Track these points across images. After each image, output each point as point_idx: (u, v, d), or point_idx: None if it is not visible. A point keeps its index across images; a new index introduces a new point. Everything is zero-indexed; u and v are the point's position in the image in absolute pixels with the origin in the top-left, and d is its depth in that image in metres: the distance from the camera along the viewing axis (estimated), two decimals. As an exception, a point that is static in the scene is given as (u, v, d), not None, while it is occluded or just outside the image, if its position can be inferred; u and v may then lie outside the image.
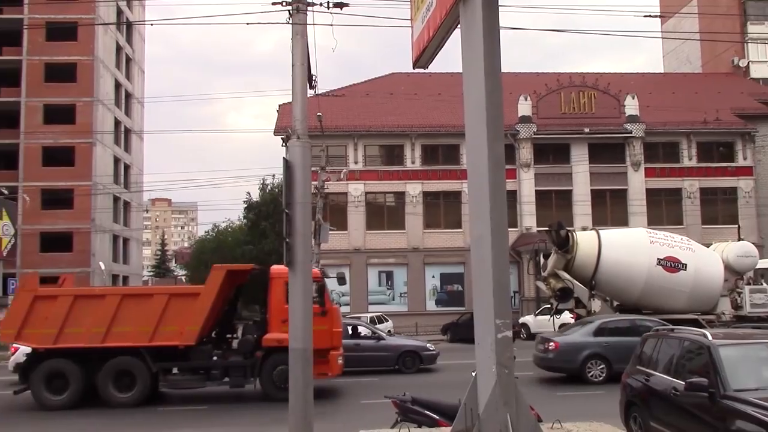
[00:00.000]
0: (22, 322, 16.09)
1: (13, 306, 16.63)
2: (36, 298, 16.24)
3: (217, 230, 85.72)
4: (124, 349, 16.29)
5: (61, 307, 16.18)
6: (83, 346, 16.18)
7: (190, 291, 17.31)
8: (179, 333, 16.15)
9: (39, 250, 51.54)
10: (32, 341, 16.30)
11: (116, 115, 59.07)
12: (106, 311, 16.15)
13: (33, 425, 14.54)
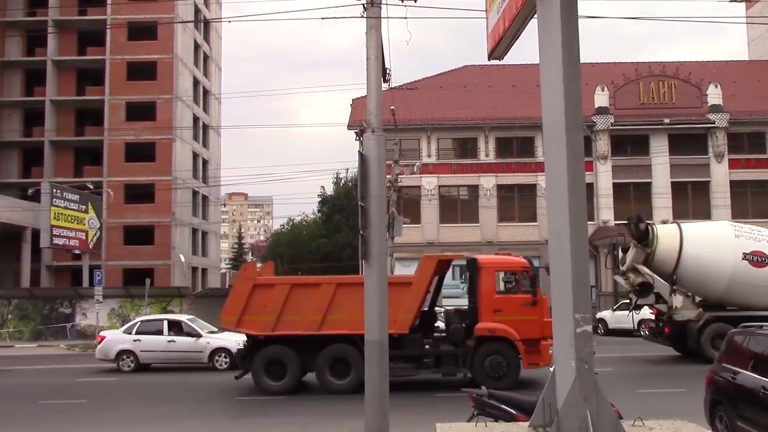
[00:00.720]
0: (242, 310, 16.53)
1: (233, 294, 16.95)
2: (255, 287, 16.62)
3: (292, 224, 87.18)
4: (339, 337, 16.54)
5: (279, 295, 16.54)
6: (300, 334, 16.54)
7: (402, 280, 17.33)
8: (393, 321, 15.79)
9: (123, 243, 53.31)
10: (252, 328, 16.69)
11: (195, 112, 60.52)
12: (322, 299, 16.44)
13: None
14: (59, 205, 41.29)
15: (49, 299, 37.06)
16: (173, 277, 52.66)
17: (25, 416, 14.74)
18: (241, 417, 14.19)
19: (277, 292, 16.61)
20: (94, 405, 15.97)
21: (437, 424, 8.05)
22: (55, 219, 40.66)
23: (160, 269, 52.42)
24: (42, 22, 56.29)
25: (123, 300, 36.38)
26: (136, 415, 14.55)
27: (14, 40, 56.88)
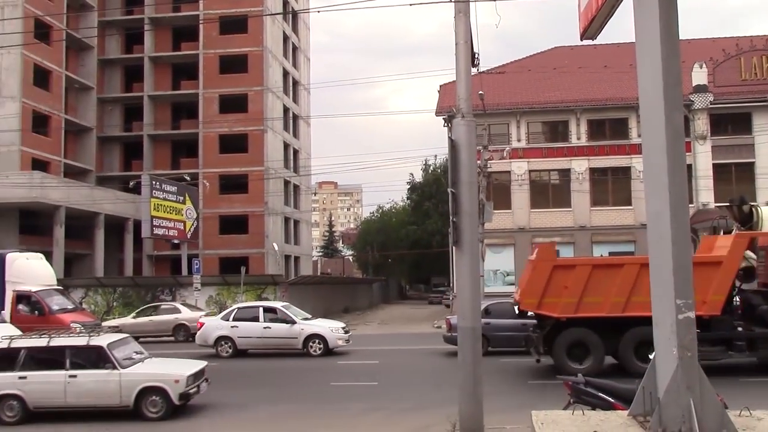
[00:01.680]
0: (542, 292, 16.49)
1: (532, 276, 16.79)
2: (555, 268, 16.56)
3: (382, 211, 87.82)
4: (644, 319, 15.54)
5: (580, 276, 16.39)
6: (604, 316, 16.36)
7: (711, 260, 16.63)
8: (702, 303, 15.61)
9: (219, 232, 54.88)
10: (554, 310, 16.54)
11: (285, 102, 61.54)
12: (626, 280, 16.14)
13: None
14: (158, 196, 42.81)
15: (150, 287, 38.58)
16: (267, 265, 53.86)
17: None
18: (333, 402, 14.39)
19: (577, 273, 16.36)
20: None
21: (532, 412, 7.94)
22: (155, 210, 42.17)
23: (255, 257, 53.71)
24: (138, 20, 58.36)
25: (220, 287, 37.48)
26: (233, 399, 14.96)
27: (113, 39, 59.18)
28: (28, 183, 43.21)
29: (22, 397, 12.88)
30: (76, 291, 35.43)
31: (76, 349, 13.10)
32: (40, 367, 13.04)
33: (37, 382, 12.87)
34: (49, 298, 23.66)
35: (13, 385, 12.90)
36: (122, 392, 12.81)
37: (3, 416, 12.89)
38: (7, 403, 12.92)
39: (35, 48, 48.08)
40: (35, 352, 13.15)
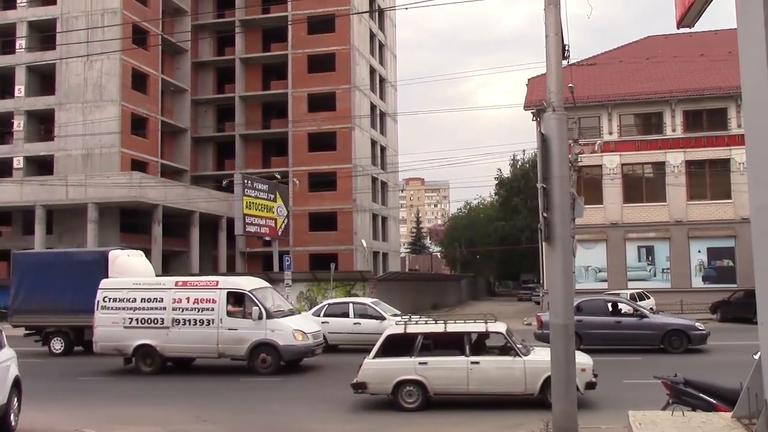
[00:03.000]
0: None
1: None
2: None
3: (469, 207, 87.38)
4: None
5: None
6: None
7: None
8: None
9: (308, 229, 55.77)
10: None
11: (372, 100, 61.96)
12: None
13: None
14: (250, 194, 43.79)
15: (243, 283, 39.48)
16: (356, 261, 54.37)
17: (227, 391, 15.82)
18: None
19: None
20: (289, 384, 16.84)
21: (630, 412, 7.74)
22: (247, 208, 43.17)
23: (344, 254, 54.32)
24: (230, 23, 59.91)
25: (310, 284, 38.07)
26: (324, 395, 15.17)
27: (206, 42, 60.97)
28: (128, 183, 45.05)
29: (424, 383, 12.74)
30: (173, 287, 36.57)
31: (475, 335, 13.03)
32: (439, 352, 12.97)
33: (438, 368, 12.75)
34: (149, 294, 24.51)
35: (413, 370, 12.81)
36: (527, 380, 12.49)
37: (402, 402, 12.81)
38: (406, 389, 12.84)
39: (133, 53, 50.00)
40: (432, 338, 13.10)
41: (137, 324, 18.71)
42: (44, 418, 11.86)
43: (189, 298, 18.54)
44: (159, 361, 18.56)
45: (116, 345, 18.96)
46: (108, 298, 19.21)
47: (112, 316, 18.96)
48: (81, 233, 44.80)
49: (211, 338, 18.19)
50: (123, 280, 20.51)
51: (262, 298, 18.61)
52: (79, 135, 49.26)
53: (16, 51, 51.14)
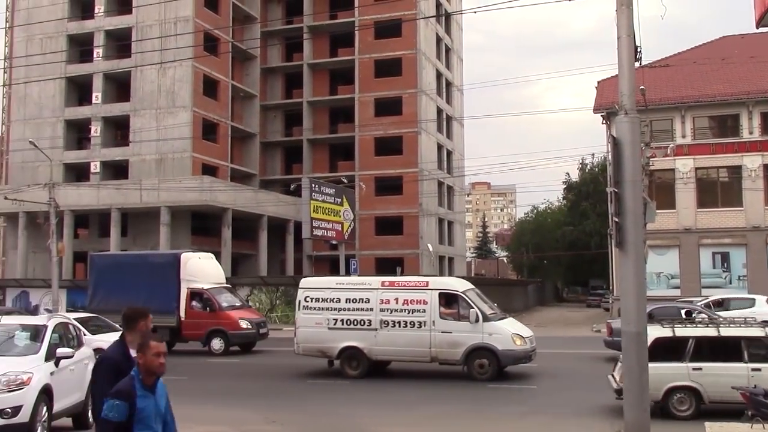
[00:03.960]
0: None
1: None
2: None
3: (536, 212, 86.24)
4: None
5: None
6: None
7: None
8: None
9: (374, 233, 55.99)
10: None
11: (438, 104, 61.87)
12: None
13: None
14: (317, 198, 44.14)
15: (310, 286, 39.90)
16: (421, 265, 54.33)
17: (295, 393, 15.99)
18: (490, 404, 14.28)
19: None
20: (357, 387, 16.94)
21: (706, 423, 7.53)
22: (315, 212, 43.52)
23: (410, 258, 54.34)
24: (298, 29, 60.70)
25: (376, 287, 38.12)
26: (396, 399, 15.19)
27: (275, 48, 61.91)
28: (199, 187, 46.07)
29: (698, 390, 12.03)
30: (242, 289, 37.26)
31: (753, 340, 12.26)
32: (713, 358, 12.24)
33: (715, 375, 12.03)
34: (219, 296, 25.05)
35: (686, 376, 12.14)
36: None
37: (674, 410, 12.15)
38: (677, 396, 12.18)
39: (204, 60, 51.14)
40: (705, 342, 12.41)
41: (343, 325, 18.04)
42: (119, 416, 12.16)
43: (398, 299, 17.79)
44: (366, 364, 17.93)
45: (320, 347, 18.37)
46: (310, 297, 18.56)
47: (315, 316, 18.32)
48: (154, 236, 46.00)
49: (423, 341, 17.45)
50: (325, 279, 20.03)
51: (474, 299, 17.86)
52: (153, 140, 50.62)
53: (94, 59, 52.87)
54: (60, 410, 10.46)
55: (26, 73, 52.36)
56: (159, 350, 4.99)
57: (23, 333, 11.10)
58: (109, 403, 4.78)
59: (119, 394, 4.83)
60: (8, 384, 9.38)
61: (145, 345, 4.99)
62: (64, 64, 51.83)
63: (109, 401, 4.80)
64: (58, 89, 52.92)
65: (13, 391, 9.36)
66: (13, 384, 9.40)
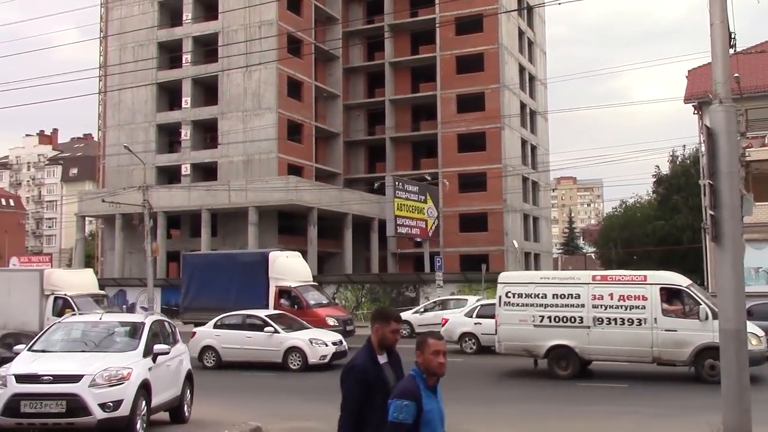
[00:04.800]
0: None
1: None
2: None
3: (625, 206, 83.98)
4: None
5: None
6: None
7: None
8: None
9: (459, 230, 55.73)
10: None
11: (521, 99, 61.07)
12: None
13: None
14: (401, 196, 44.36)
15: (395, 284, 40.14)
16: (507, 262, 53.74)
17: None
18: (579, 403, 14.03)
19: None
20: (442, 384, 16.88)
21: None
22: (399, 210, 43.75)
23: (494, 255, 53.85)
24: (379, 28, 60.95)
25: (461, 284, 38.01)
26: (480, 396, 15.10)
27: (356, 48, 62.38)
28: (285, 187, 46.93)
29: None
30: (328, 287, 37.72)
31: None
32: None
33: None
34: (307, 293, 25.43)
35: None
36: None
37: None
38: None
39: (288, 62, 52.01)
40: None
41: (550, 322, 17.07)
42: (213, 411, 12.52)
43: (612, 295, 16.60)
44: (576, 364, 16.99)
45: (525, 345, 17.57)
46: (512, 293, 17.69)
47: (519, 313, 17.46)
48: (242, 235, 47.10)
49: (644, 340, 16.27)
50: (527, 274, 19.03)
51: (700, 295, 16.73)
52: (240, 142, 51.82)
53: (183, 65, 54.50)
54: (158, 404, 10.81)
55: (120, 81, 54.41)
56: (438, 348, 4.68)
57: (122, 330, 11.54)
58: (396, 404, 4.52)
59: (406, 393, 4.56)
60: (109, 379, 9.76)
61: (423, 343, 4.70)
62: (155, 70, 53.64)
63: (395, 402, 4.54)
64: (150, 95, 54.81)
65: (114, 385, 9.73)
66: (114, 379, 9.77)
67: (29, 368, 9.89)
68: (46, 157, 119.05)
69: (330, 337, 20.21)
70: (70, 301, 22.88)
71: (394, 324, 5.21)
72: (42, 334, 11.30)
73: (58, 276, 24.60)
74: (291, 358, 19.28)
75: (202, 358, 20.02)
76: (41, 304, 23.11)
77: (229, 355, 19.92)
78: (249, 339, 19.72)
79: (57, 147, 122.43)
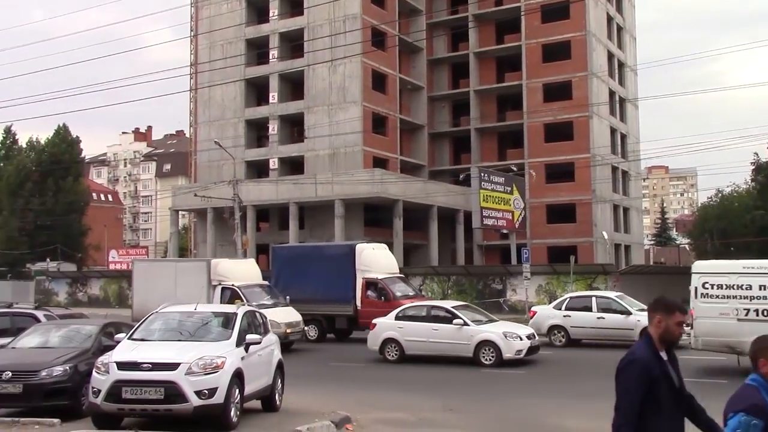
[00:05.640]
0: None
1: None
2: None
3: (721, 195, 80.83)
4: None
5: None
6: None
7: None
8: None
9: (546, 221, 54.88)
10: None
11: (610, 86, 59.54)
12: None
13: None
14: (487, 187, 43.96)
15: (482, 276, 39.83)
16: (596, 254, 52.63)
17: (469, 381, 16.00)
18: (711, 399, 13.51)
19: None
20: (532, 376, 16.71)
21: None
22: (484, 201, 43.39)
23: (583, 246, 52.79)
24: (463, 19, 60.52)
25: (549, 276, 37.41)
26: (571, 390, 14.82)
27: (440, 39, 62.11)
28: (370, 180, 47.23)
29: None
30: (414, 279, 37.76)
31: None
32: None
33: None
34: (393, 285, 25.48)
35: None
36: None
37: None
38: None
39: (372, 55, 52.24)
40: None
41: (758, 316, 15.48)
42: (302, 400, 12.71)
43: None
44: None
45: (727, 341, 15.98)
46: (709, 284, 16.33)
47: (719, 305, 16.11)
48: (329, 228, 47.68)
49: None
50: (726, 263, 18.18)
51: None
52: (326, 135, 52.45)
53: (270, 61, 55.49)
54: (250, 393, 11.04)
55: (210, 78, 55.89)
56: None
57: (216, 320, 11.85)
58: (743, 420, 3.95)
59: (756, 410, 3.95)
60: (204, 367, 10.03)
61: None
62: (242, 67, 54.81)
63: (743, 417, 3.97)
64: (239, 91, 56.06)
65: (209, 374, 9.99)
66: (209, 367, 10.04)
67: (129, 356, 10.27)
68: (141, 154, 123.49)
69: (523, 330, 19.17)
70: (238, 291, 22.20)
71: (680, 315, 4.60)
72: (141, 323, 11.71)
73: (224, 266, 23.71)
74: (483, 352, 18.11)
75: (384, 350, 19.29)
76: (209, 294, 22.36)
77: (413, 348, 19.04)
78: (435, 332, 18.77)
79: (151, 144, 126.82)
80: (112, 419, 10.24)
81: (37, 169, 70.91)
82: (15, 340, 12.60)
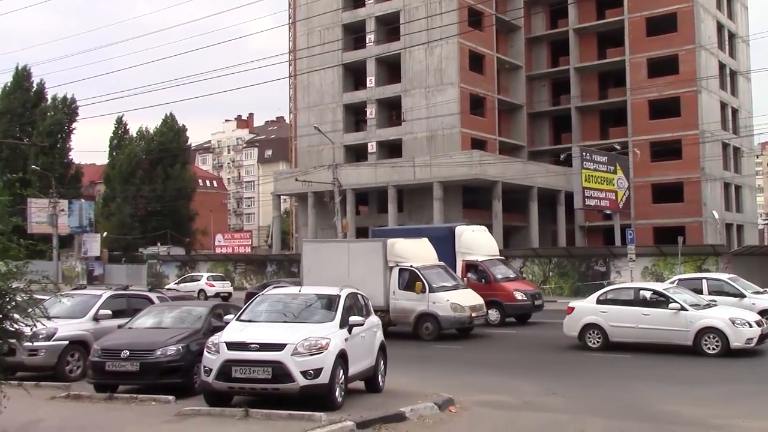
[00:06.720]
0: None
1: None
2: None
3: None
4: None
5: None
6: None
7: None
8: None
9: (651, 201, 53.16)
10: None
11: (720, 59, 56.86)
12: None
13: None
14: (589, 167, 42.89)
15: (584, 258, 38.96)
16: (705, 234, 50.64)
17: (572, 365, 15.72)
18: None
19: None
20: (635, 361, 16.26)
21: None
22: (586, 181, 42.36)
23: (691, 227, 50.87)
24: (563, -6, 59.03)
25: (656, 258, 36.26)
26: (673, 373, 14.34)
27: (538, 17, 60.80)
28: (468, 161, 46.90)
29: None
30: (514, 261, 37.31)
31: None
32: None
33: None
34: (494, 267, 25.28)
35: None
36: None
37: None
38: None
39: (469, 36, 51.71)
40: None
41: None
42: (404, 382, 12.77)
43: None
44: None
45: None
46: None
47: None
48: (427, 210, 47.72)
49: None
50: None
51: None
52: (423, 118, 52.40)
53: (367, 45, 55.78)
54: (354, 374, 11.20)
55: (308, 64, 56.75)
56: None
57: (319, 302, 12.06)
58: None
59: None
60: (310, 348, 10.23)
61: None
62: (340, 52, 55.35)
63: None
64: (336, 76, 56.68)
65: (314, 354, 10.19)
66: (314, 348, 10.24)
67: (238, 336, 10.59)
68: (244, 141, 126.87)
69: (750, 316, 17.07)
70: (417, 272, 21.09)
71: None
72: (248, 305, 12.06)
73: (401, 246, 22.11)
74: (706, 340, 16.37)
75: (584, 337, 17.79)
76: (385, 276, 21.24)
77: (619, 335, 17.40)
78: (646, 317, 17.10)
79: (253, 130, 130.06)
80: (224, 397, 10.61)
81: (147, 158, 74.06)
82: (131, 321, 13.24)
